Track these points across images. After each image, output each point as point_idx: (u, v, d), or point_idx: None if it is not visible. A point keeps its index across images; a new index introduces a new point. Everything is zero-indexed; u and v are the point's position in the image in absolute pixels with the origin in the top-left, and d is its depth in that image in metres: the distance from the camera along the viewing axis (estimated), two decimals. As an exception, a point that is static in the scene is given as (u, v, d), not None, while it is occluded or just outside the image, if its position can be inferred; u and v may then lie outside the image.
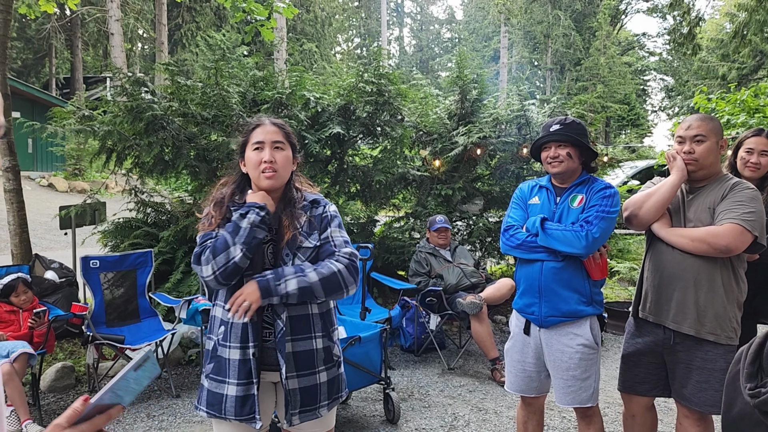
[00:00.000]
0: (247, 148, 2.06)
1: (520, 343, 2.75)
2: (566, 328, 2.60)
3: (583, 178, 2.68)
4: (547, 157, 2.66)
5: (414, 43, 53.41)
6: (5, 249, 9.85)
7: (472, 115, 6.63)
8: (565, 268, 2.57)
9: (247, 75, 5.85)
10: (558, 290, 2.58)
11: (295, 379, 1.97)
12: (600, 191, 2.58)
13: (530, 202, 2.77)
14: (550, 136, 2.64)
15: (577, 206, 2.60)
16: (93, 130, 5.24)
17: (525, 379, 2.75)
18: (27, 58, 26.50)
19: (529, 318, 2.69)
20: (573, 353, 2.58)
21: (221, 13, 28.18)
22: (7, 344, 3.73)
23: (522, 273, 2.73)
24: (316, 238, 2.03)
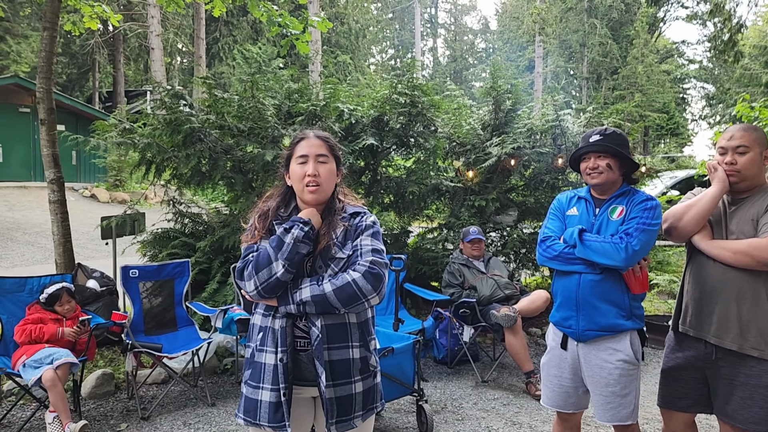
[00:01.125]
0: (292, 162, 2.08)
1: (557, 357, 2.71)
2: (605, 343, 2.55)
3: (624, 189, 2.63)
4: (586, 168, 2.63)
5: (448, 54, 53.43)
6: (49, 258, 10.15)
7: (506, 126, 6.60)
8: (603, 280, 2.52)
9: (282, 87, 5.94)
10: (596, 303, 2.53)
11: (332, 388, 1.96)
12: (641, 203, 2.53)
13: (568, 213, 2.73)
14: (589, 146, 2.61)
15: (616, 218, 2.56)
16: (133, 142, 5.40)
17: (562, 394, 2.71)
18: (72, 72, 27.35)
19: (566, 332, 2.65)
20: (612, 369, 2.52)
21: (257, 27, 28.67)
22: (51, 351, 3.84)
23: (559, 285, 2.68)
24: (349, 248, 2.03)
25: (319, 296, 1.91)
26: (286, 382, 1.96)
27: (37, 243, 11.63)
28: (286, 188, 2.16)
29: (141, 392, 4.57)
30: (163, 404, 4.38)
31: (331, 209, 2.09)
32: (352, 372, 2.00)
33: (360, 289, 1.92)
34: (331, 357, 1.97)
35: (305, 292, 1.92)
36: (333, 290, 1.91)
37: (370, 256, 1.99)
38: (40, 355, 3.82)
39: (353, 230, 2.06)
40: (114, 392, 4.59)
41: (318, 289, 1.92)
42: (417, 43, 37.01)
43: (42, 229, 12.48)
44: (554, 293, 2.73)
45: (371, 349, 2.10)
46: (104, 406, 4.36)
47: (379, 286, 1.95)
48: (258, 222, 2.10)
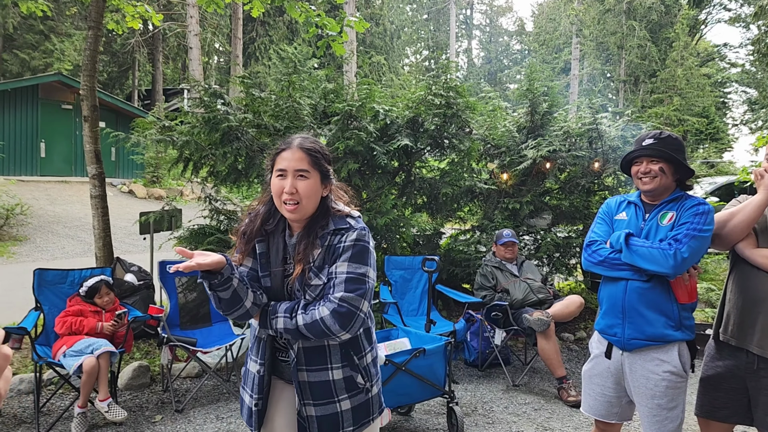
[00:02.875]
0: (273, 172, 1.92)
1: (600, 365, 2.64)
2: (651, 353, 2.47)
3: (676, 195, 2.56)
4: (638, 171, 2.56)
5: (482, 55, 53.13)
6: (88, 251, 10.41)
7: (541, 128, 6.54)
8: (651, 288, 2.45)
9: (318, 87, 5.98)
10: (643, 311, 2.46)
11: (311, 407, 1.90)
12: (692, 208, 2.46)
13: (617, 218, 2.67)
14: (642, 150, 2.54)
15: (666, 223, 2.49)
16: (172, 139, 5.50)
17: (605, 403, 2.65)
18: (112, 71, 27.97)
19: (611, 340, 2.58)
20: (659, 380, 2.45)
21: (293, 27, 28.93)
22: (91, 341, 3.94)
23: (605, 292, 2.63)
24: (326, 274, 1.88)
25: (292, 329, 1.82)
26: (260, 393, 1.95)
27: (76, 236, 11.93)
28: (271, 198, 2.00)
29: (175, 385, 4.66)
30: (197, 398, 4.45)
31: (313, 228, 1.92)
32: (335, 392, 1.91)
33: (328, 327, 1.79)
34: (309, 378, 1.90)
35: (279, 322, 1.84)
36: (304, 324, 1.80)
37: (341, 291, 1.82)
38: (80, 345, 3.93)
39: (331, 252, 1.89)
40: (149, 384, 4.69)
41: (291, 323, 1.82)
42: (452, 45, 36.87)
43: (81, 223, 12.80)
44: (600, 300, 2.68)
45: (361, 366, 1.96)
46: (140, 398, 4.46)
47: (349, 324, 1.80)
48: (240, 242, 1.99)
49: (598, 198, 6.81)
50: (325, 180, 1.94)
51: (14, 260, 9.72)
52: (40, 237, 11.62)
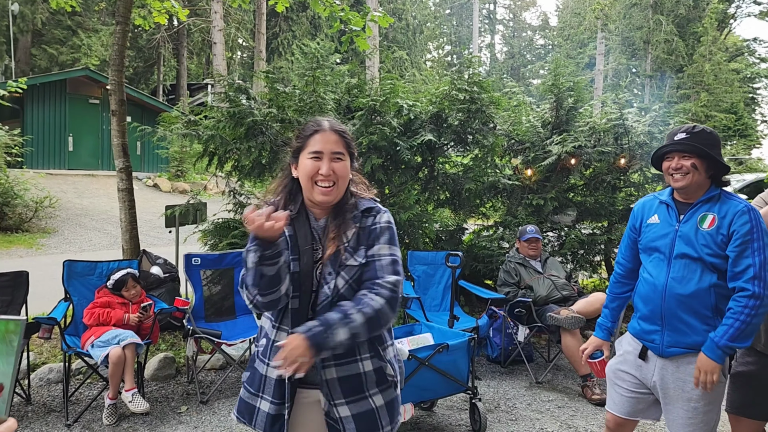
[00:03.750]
0: (302, 154, 1.84)
1: (631, 363, 2.56)
2: (690, 358, 2.37)
3: (712, 193, 2.41)
4: (669, 168, 2.43)
5: (505, 51, 52.73)
6: (114, 244, 10.57)
7: (566, 124, 6.47)
8: (693, 295, 2.34)
9: (342, 82, 5.99)
10: (684, 318, 2.36)
11: (344, 406, 1.79)
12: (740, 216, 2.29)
13: (649, 222, 2.53)
14: (674, 144, 2.41)
15: (708, 228, 2.34)
16: (197, 134, 5.55)
17: (632, 401, 2.57)
18: (138, 66, 28.33)
19: (647, 345, 2.49)
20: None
21: (316, 22, 29.01)
22: (118, 332, 4.01)
23: (642, 295, 2.52)
24: (362, 255, 1.81)
25: (357, 331, 1.69)
26: (283, 399, 1.82)
27: (103, 229, 12.12)
28: (291, 180, 1.92)
29: (200, 377, 4.72)
30: (221, 389, 4.50)
31: (342, 209, 1.87)
32: (366, 387, 1.81)
33: (386, 316, 1.74)
34: (339, 374, 1.79)
35: (341, 333, 1.66)
36: (366, 321, 1.69)
37: (392, 275, 1.78)
38: (108, 336, 3.99)
39: (367, 234, 1.84)
40: (175, 375, 4.76)
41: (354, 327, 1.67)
42: (474, 39, 36.62)
43: (108, 216, 13.00)
44: (635, 302, 2.59)
45: (387, 358, 1.89)
46: (165, 389, 4.52)
47: (397, 308, 1.77)
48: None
49: (624, 195, 6.73)
50: (353, 162, 1.92)
51: (43, 252, 9.91)
52: (68, 229, 11.83)
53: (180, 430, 3.82)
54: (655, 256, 2.47)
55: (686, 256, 2.36)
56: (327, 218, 1.88)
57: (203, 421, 3.95)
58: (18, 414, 3.99)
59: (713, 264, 2.31)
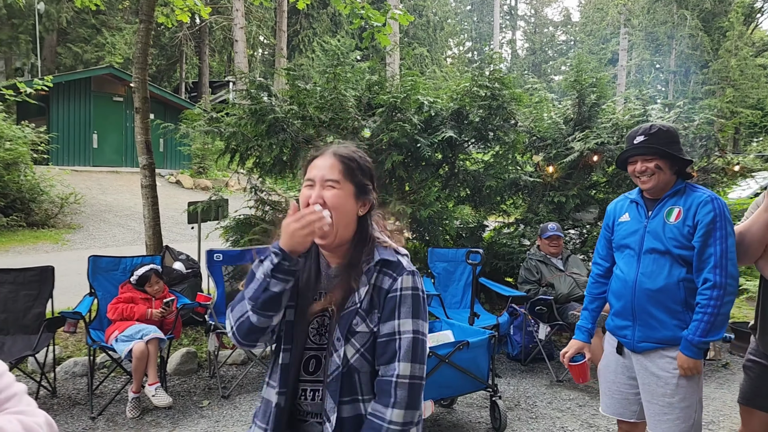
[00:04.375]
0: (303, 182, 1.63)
1: (614, 363, 2.61)
2: (662, 352, 2.41)
3: (678, 187, 2.44)
4: (634, 171, 2.46)
5: (526, 47, 52.32)
6: (137, 240, 10.71)
7: (589, 120, 6.40)
8: (662, 290, 2.38)
9: (362, 79, 5.99)
10: (654, 313, 2.40)
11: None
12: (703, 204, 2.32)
13: (620, 221, 2.59)
14: (634, 149, 2.44)
15: (674, 221, 2.37)
16: (219, 131, 5.60)
17: (622, 401, 2.60)
18: (161, 64, 28.60)
19: (621, 341, 2.56)
20: (670, 378, 2.38)
21: (337, 19, 29.04)
22: (141, 327, 4.06)
23: (614, 291, 2.58)
24: (375, 321, 1.54)
25: None
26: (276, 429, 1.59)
27: (126, 225, 12.29)
28: None
29: (222, 371, 4.76)
30: (242, 384, 4.54)
31: (356, 257, 1.57)
32: None
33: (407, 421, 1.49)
34: (341, 413, 1.53)
35: None
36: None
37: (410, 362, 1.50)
38: (131, 330, 4.05)
39: (383, 296, 1.54)
40: (197, 370, 4.81)
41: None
42: (495, 36, 36.43)
43: (131, 212, 13.17)
44: (609, 299, 2.64)
45: None
46: (187, 383, 4.58)
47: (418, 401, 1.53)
48: None
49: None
50: (362, 195, 1.59)
51: (68, 247, 10.08)
52: (93, 225, 12.01)
53: (202, 424, 3.86)
54: (627, 252, 2.51)
55: (655, 251, 2.40)
56: (336, 269, 1.62)
57: (224, 416, 3.99)
58: (44, 406, 4.06)
59: (681, 257, 2.35)
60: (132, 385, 3.99)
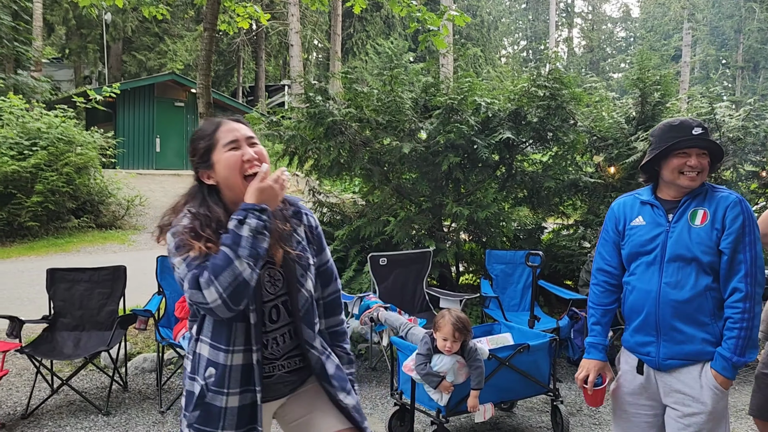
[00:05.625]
0: (216, 152, 1.70)
1: (632, 383, 2.32)
2: (690, 368, 2.18)
3: (700, 188, 2.23)
4: (684, 165, 2.18)
5: (583, 44, 51.19)
6: (199, 241, 11.02)
7: (652, 119, 6.22)
8: (689, 300, 2.14)
9: (419, 81, 6.01)
10: (680, 327, 2.16)
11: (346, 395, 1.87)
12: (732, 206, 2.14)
13: (633, 224, 2.31)
14: (694, 140, 2.17)
15: (700, 224, 2.17)
16: (279, 134, 5.73)
17: (640, 425, 2.33)
18: (219, 69, 29.37)
19: (643, 359, 2.27)
20: (701, 395, 2.15)
21: (390, 22, 29.15)
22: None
23: (632, 303, 2.29)
24: (313, 253, 1.86)
25: None
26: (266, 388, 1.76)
27: (188, 226, 12.66)
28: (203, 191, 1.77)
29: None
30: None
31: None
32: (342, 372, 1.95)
33: None
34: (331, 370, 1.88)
35: None
36: None
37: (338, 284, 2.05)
38: (198, 328, 4.17)
39: (313, 231, 1.89)
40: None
41: None
42: (551, 34, 35.78)
43: (192, 214, 13.55)
44: (626, 313, 2.35)
45: None
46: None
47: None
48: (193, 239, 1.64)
49: (715, 193, 6.41)
50: None
51: (134, 248, 10.48)
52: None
53: (265, 420, 3.95)
54: (643, 260, 2.25)
55: (679, 258, 2.16)
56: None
57: (286, 413, 4.07)
58: (117, 400, 4.25)
59: (709, 264, 2.14)
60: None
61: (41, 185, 10.22)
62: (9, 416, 3.95)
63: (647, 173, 2.34)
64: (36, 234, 10.55)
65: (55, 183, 10.36)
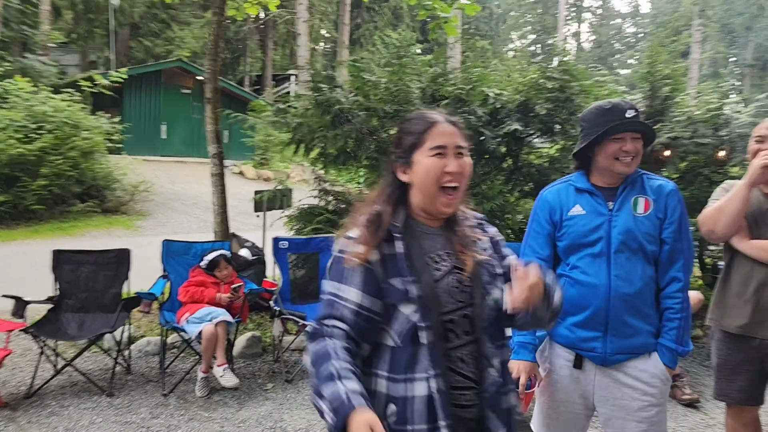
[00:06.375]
0: (418, 153, 1.55)
1: (566, 379, 2.19)
2: (634, 362, 2.12)
3: (634, 175, 2.16)
4: (619, 150, 2.07)
5: (592, 39, 50.91)
6: (203, 228, 11.06)
7: (662, 114, 6.18)
8: (638, 293, 2.08)
9: (427, 71, 5.98)
10: (629, 321, 2.08)
11: None
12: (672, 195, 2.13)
13: (571, 214, 2.17)
14: (629, 124, 2.07)
15: (644, 212, 2.10)
16: (286, 122, 5.71)
17: (570, 423, 2.24)
18: (226, 57, 29.30)
19: (586, 355, 2.14)
20: (648, 388, 2.10)
21: (398, 12, 29.03)
22: (211, 310, 4.20)
23: (575, 297, 2.12)
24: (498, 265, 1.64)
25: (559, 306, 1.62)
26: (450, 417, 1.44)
27: (192, 213, 12.71)
28: (395, 186, 1.61)
29: (285, 356, 4.87)
30: (305, 370, 4.63)
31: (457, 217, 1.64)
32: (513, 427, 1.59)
33: None
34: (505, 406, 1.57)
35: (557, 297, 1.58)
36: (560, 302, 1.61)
37: None
38: (201, 313, 4.19)
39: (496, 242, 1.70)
40: (261, 354, 4.94)
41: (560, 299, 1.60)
42: (560, 28, 35.57)
43: (197, 201, 13.60)
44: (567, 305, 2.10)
45: None
46: (252, 366, 4.71)
47: None
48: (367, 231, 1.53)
49: (722, 189, 6.37)
50: None
51: (139, 233, 10.52)
52: (161, 213, 12.48)
53: (266, 405, 3.97)
54: (586, 252, 2.12)
55: (627, 248, 2.07)
56: (440, 229, 1.62)
57: (288, 399, 4.09)
58: (120, 382, 4.27)
59: (652, 253, 2.09)
60: (201, 365, 4.13)
61: (47, 169, 10.25)
62: (12, 396, 3.98)
63: (579, 159, 2.24)
64: (41, 217, 10.59)
65: (61, 167, 10.39)
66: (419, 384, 1.44)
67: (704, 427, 3.86)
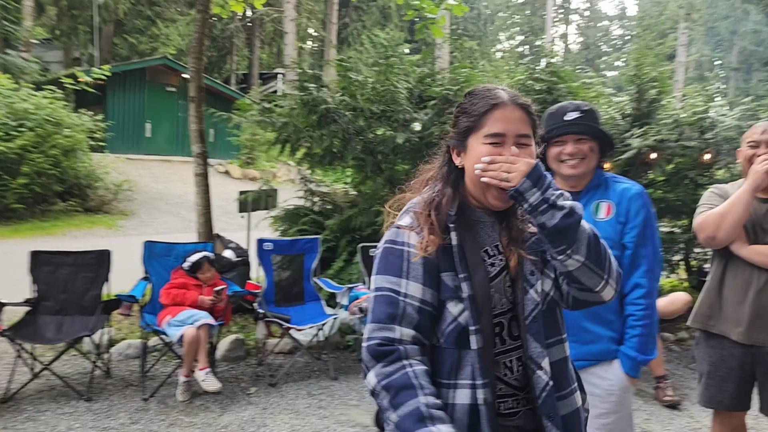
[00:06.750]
0: (474, 137, 1.37)
1: None
2: (595, 368, 2.11)
3: (600, 178, 2.14)
4: (561, 153, 2.07)
5: (579, 41, 51.21)
6: (187, 228, 10.93)
7: (648, 116, 6.18)
8: None
9: (415, 72, 5.94)
10: (587, 326, 2.06)
11: None
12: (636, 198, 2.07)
13: None
14: (567, 126, 2.05)
15: (605, 217, 2.08)
16: (272, 121, 5.64)
17: None
18: (212, 55, 29.10)
19: None
20: (607, 395, 2.08)
21: (386, 12, 29.01)
22: (192, 313, 4.12)
23: None
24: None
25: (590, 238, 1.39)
26: None
27: (176, 213, 12.57)
28: (451, 170, 1.45)
29: (269, 360, 4.80)
30: (289, 373, 4.57)
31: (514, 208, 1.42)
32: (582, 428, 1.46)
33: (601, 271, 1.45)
34: (563, 410, 1.39)
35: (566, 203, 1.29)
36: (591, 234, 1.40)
37: None
38: (183, 315, 4.11)
39: None
40: (244, 357, 4.86)
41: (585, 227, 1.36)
42: (547, 30, 35.74)
43: (182, 201, 13.46)
44: None
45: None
46: (236, 370, 4.63)
47: None
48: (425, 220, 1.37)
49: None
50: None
51: (122, 233, 10.39)
52: (145, 212, 12.33)
53: (249, 410, 3.90)
54: None
55: None
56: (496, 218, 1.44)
57: (271, 403, 4.02)
58: (99, 387, 4.17)
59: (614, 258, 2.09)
60: (182, 369, 4.05)
61: (27, 167, 10.07)
62: (-12, 400, 3.87)
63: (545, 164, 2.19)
64: (21, 216, 10.41)
65: (42, 165, 10.22)
66: (462, 391, 1.32)
67: (690, 431, 3.84)
